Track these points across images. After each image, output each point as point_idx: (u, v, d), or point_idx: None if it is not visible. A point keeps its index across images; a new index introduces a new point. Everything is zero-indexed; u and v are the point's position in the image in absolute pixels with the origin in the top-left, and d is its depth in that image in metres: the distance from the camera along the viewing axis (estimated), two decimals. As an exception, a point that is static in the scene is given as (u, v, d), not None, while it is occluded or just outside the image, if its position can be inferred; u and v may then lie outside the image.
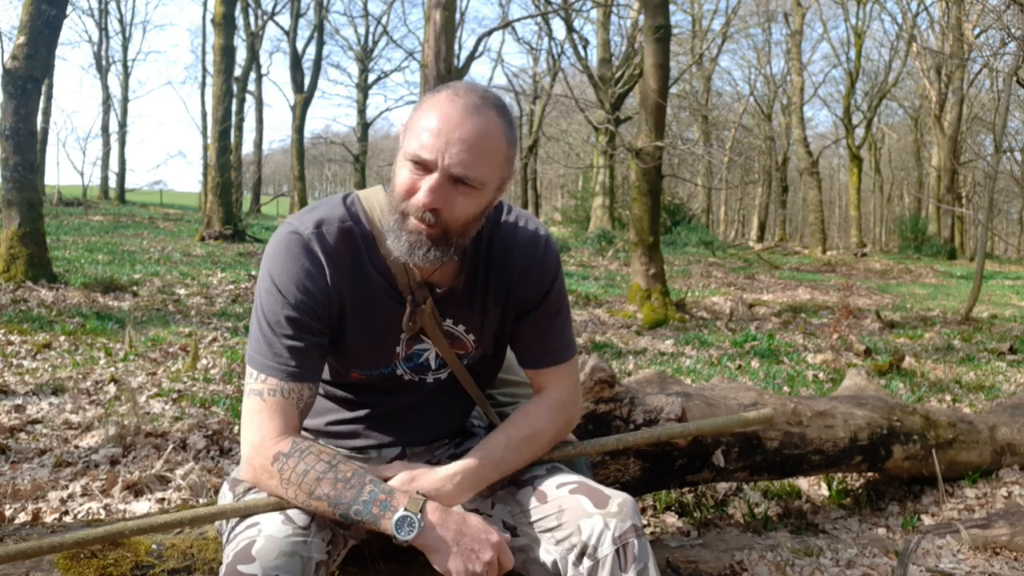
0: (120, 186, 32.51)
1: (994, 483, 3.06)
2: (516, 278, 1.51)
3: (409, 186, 1.33)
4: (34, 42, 7.60)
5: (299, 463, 1.34)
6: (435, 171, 1.31)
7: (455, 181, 1.32)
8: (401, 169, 1.35)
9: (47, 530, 1.62)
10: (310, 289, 1.39)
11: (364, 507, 1.31)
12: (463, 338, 1.54)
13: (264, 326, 1.40)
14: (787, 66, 30.60)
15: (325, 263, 1.40)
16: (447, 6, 8.00)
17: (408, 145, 1.34)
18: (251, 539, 1.29)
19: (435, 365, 1.56)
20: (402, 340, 1.50)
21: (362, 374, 1.53)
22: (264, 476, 1.36)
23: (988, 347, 7.35)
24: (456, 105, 1.32)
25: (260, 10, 27.81)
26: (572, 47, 21.02)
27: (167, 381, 4.40)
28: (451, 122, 1.30)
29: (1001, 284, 16.81)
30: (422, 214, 1.32)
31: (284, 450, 1.35)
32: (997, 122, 14.02)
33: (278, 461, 1.35)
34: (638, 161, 8.65)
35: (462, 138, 1.30)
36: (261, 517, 1.35)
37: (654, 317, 8.28)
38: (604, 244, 18.32)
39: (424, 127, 1.32)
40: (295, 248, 1.41)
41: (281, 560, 1.25)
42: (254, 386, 1.39)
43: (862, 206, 30.51)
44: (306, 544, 1.30)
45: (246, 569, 1.23)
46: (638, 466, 2.31)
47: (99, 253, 11.78)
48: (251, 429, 1.38)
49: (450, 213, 1.33)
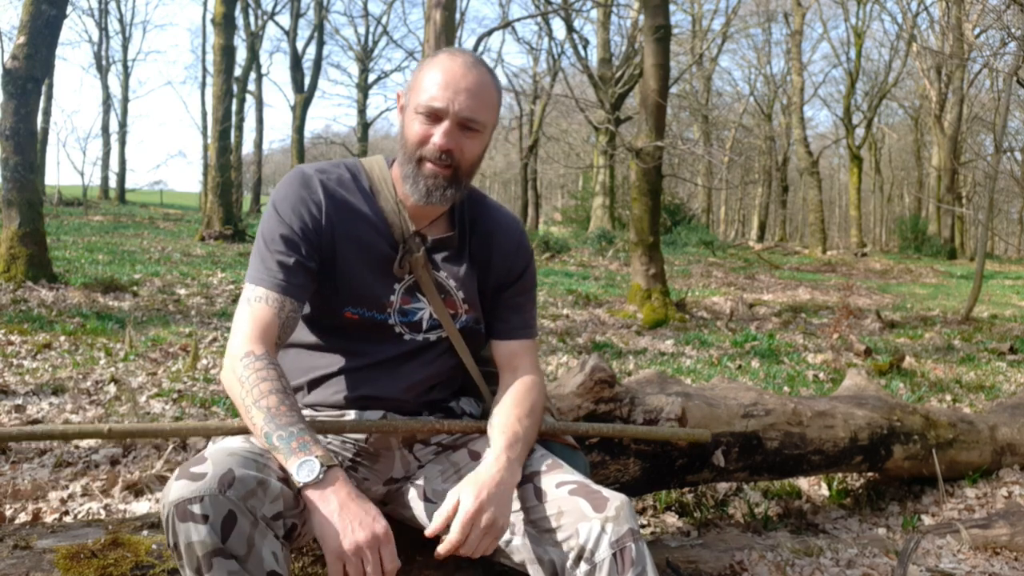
0: (120, 186, 32.51)
1: (994, 483, 3.06)
2: (500, 248, 1.67)
3: (423, 135, 1.51)
4: (34, 42, 7.59)
5: (261, 370, 1.40)
6: (446, 118, 1.50)
7: (463, 126, 1.51)
8: (412, 122, 1.53)
9: (47, 530, 1.62)
10: (303, 214, 1.53)
11: (289, 436, 1.32)
12: (453, 294, 1.63)
13: (260, 245, 1.54)
14: (787, 66, 30.62)
15: (322, 196, 1.55)
16: (447, 6, 8.00)
17: (418, 99, 1.52)
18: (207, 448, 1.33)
19: (427, 325, 1.62)
20: (397, 290, 1.59)
21: (355, 313, 1.58)
22: (230, 371, 1.44)
23: (988, 347, 7.35)
24: (456, 61, 1.52)
25: (260, 10, 27.83)
26: (572, 47, 21.05)
27: (167, 381, 4.40)
28: (456, 75, 1.50)
29: (1001, 284, 16.81)
30: (438, 155, 1.50)
31: (257, 352, 1.43)
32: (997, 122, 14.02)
33: (248, 358, 1.42)
34: (638, 161, 8.65)
35: (467, 88, 1.50)
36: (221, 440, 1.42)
37: (654, 317, 8.28)
38: (604, 244, 18.31)
39: (432, 82, 1.50)
40: (297, 180, 1.57)
41: (235, 457, 1.27)
42: (245, 295, 1.52)
43: (862, 206, 30.51)
44: (263, 455, 1.33)
45: (197, 469, 1.24)
46: (638, 466, 2.31)
47: (99, 253, 11.78)
48: (234, 329, 1.50)
49: (460, 154, 1.52)
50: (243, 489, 1.22)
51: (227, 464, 1.24)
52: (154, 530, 1.62)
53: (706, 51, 27.83)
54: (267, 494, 1.25)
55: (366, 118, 35.00)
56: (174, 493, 1.21)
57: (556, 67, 25.71)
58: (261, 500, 1.24)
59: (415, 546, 1.61)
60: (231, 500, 1.20)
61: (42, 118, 24.71)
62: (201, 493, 1.19)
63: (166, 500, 1.21)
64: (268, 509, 1.25)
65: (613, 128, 13.63)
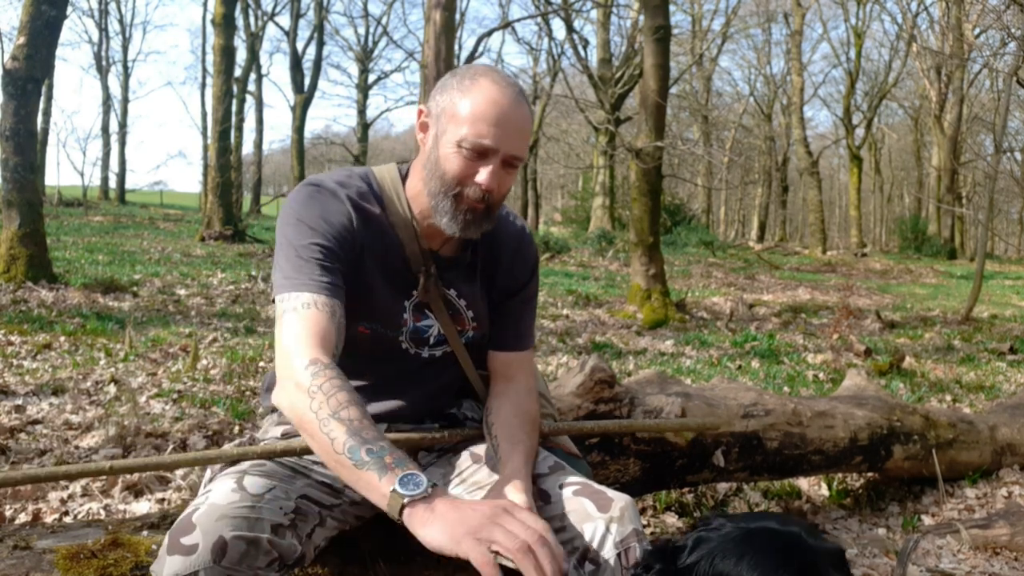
0: (120, 187, 32.51)
1: (994, 483, 3.06)
2: (506, 261, 1.64)
3: (466, 172, 1.43)
4: (34, 42, 7.59)
5: (337, 379, 1.28)
6: (494, 157, 1.43)
7: (507, 163, 1.45)
8: (451, 155, 1.43)
9: (47, 530, 1.62)
10: (336, 225, 1.46)
11: (380, 451, 1.20)
12: (463, 313, 1.61)
13: (292, 254, 1.42)
14: (787, 66, 30.61)
15: (351, 209, 1.48)
16: (447, 6, 8.00)
17: (460, 131, 1.41)
18: (195, 508, 1.27)
19: (433, 340, 1.60)
20: (408, 307, 1.56)
21: (368, 327, 1.55)
22: (294, 386, 1.29)
23: (988, 347, 7.35)
24: (505, 94, 1.43)
25: (260, 11, 27.82)
26: (572, 47, 21.03)
27: (167, 381, 4.40)
28: (506, 110, 1.42)
29: (1001, 284, 16.81)
30: (481, 195, 1.44)
31: (324, 360, 1.30)
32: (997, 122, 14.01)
33: (315, 365, 1.29)
34: (638, 161, 8.65)
35: (517, 126, 1.43)
36: (214, 485, 1.35)
37: (654, 317, 8.28)
38: (604, 244, 18.31)
39: (479, 116, 1.41)
40: (321, 194, 1.49)
41: (223, 522, 1.23)
42: (286, 306, 1.37)
43: (862, 206, 30.50)
44: (254, 508, 1.28)
45: (188, 540, 1.21)
46: (638, 466, 2.31)
47: (99, 253, 11.78)
48: (286, 339, 1.34)
49: (499, 190, 1.47)
50: (236, 553, 1.22)
51: (217, 531, 1.22)
52: (154, 530, 1.62)
53: (706, 51, 27.84)
54: (259, 550, 1.25)
55: (366, 118, 35.03)
56: (168, 569, 1.19)
57: (556, 67, 25.73)
58: (254, 556, 1.24)
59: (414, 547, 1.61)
60: (227, 567, 1.20)
61: (42, 118, 24.71)
62: (196, 568, 1.19)
63: (160, 574, 1.20)
64: (262, 560, 1.26)
65: (613, 128, 13.64)
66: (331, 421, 1.24)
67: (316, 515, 1.40)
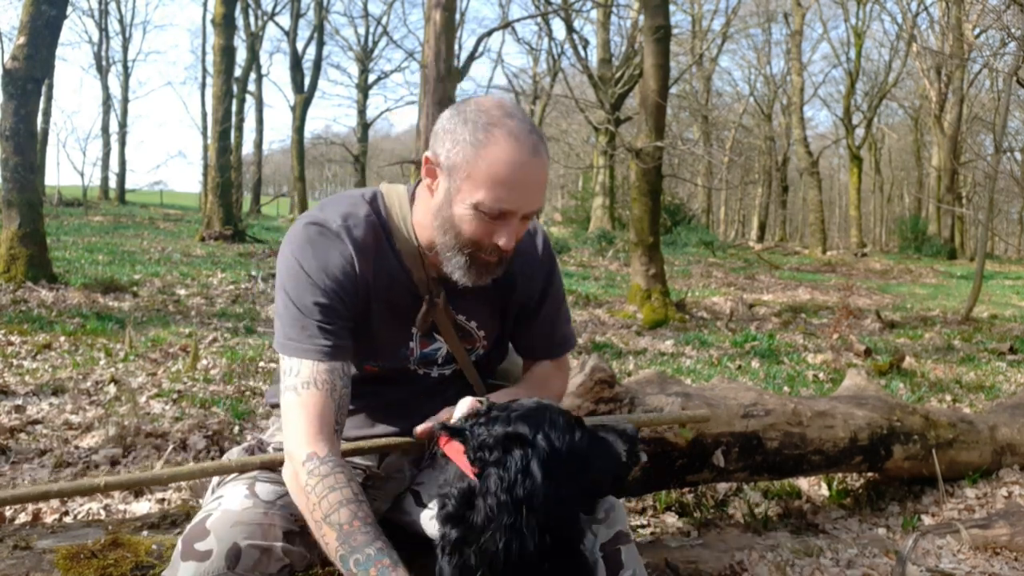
0: (120, 186, 32.50)
1: (994, 483, 3.06)
2: (520, 285, 1.58)
3: (483, 233, 1.37)
4: (34, 42, 7.59)
5: (330, 476, 1.29)
6: (512, 218, 1.36)
7: (526, 218, 1.40)
8: (469, 217, 1.36)
9: (47, 530, 1.62)
10: (339, 277, 1.41)
11: (367, 560, 1.22)
12: (473, 333, 1.58)
13: (293, 311, 1.40)
14: (787, 66, 30.59)
15: (354, 253, 1.42)
16: (447, 6, 8.00)
17: (478, 197, 1.33)
18: (208, 513, 1.28)
19: (441, 360, 1.59)
20: (416, 336, 1.53)
21: (375, 366, 1.55)
22: (294, 479, 1.32)
23: (988, 347, 7.34)
24: (523, 151, 1.33)
25: (260, 11, 27.81)
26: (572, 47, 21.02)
27: (167, 381, 4.40)
28: (523, 171, 1.33)
29: (1001, 284, 16.80)
30: (498, 255, 1.40)
31: (320, 453, 1.31)
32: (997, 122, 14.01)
33: (311, 461, 1.30)
34: (638, 161, 8.65)
35: (536, 185, 1.36)
36: (225, 490, 1.35)
37: (654, 317, 8.28)
38: (604, 244, 18.31)
39: (498, 181, 1.33)
40: (324, 238, 1.42)
41: (237, 528, 1.24)
42: (289, 381, 1.38)
43: (862, 206, 30.50)
44: (267, 515, 1.29)
45: (202, 546, 1.22)
46: (638, 466, 2.31)
47: (99, 253, 11.78)
48: (289, 426, 1.36)
49: (514, 244, 1.41)
50: (250, 561, 1.24)
51: (231, 538, 1.23)
52: (154, 530, 1.62)
53: (706, 51, 27.82)
54: (272, 557, 1.26)
55: (366, 118, 35.01)
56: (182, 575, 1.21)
57: (556, 67, 25.73)
58: (267, 563, 1.26)
59: (415, 548, 1.61)
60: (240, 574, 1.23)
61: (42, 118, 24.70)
62: (209, 574, 1.21)
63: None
64: (274, 567, 1.27)
65: (613, 128, 13.64)
66: (323, 525, 1.25)
67: None
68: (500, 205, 1.33)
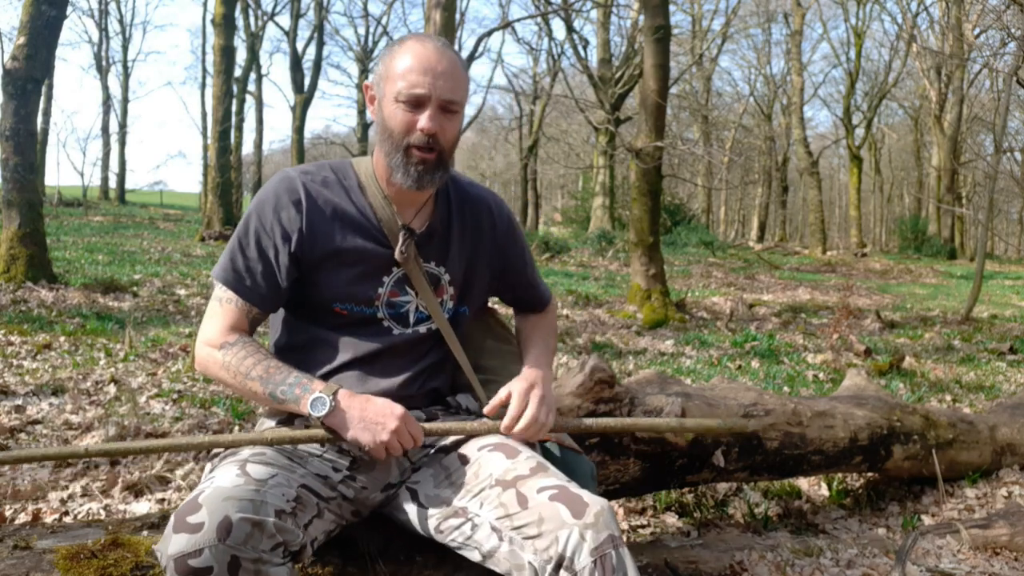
0: (120, 187, 32.51)
1: (994, 483, 3.06)
2: (487, 222, 1.74)
3: (407, 123, 1.55)
4: (34, 43, 7.59)
5: (240, 351, 1.54)
6: (428, 104, 1.53)
7: (443, 108, 1.55)
8: (394, 111, 1.55)
9: (47, 530, 1.62)
10: (281, 217, 1.58)
11: (289, 388, 1.48)
12: (441, 279, 1.68)
13: (235, 244, 1.59)
14: (787, 66, 30.60)
15: (304, 198, 1.59)
16: (447, 6, 7.99)
17: (395, 88, 1.54)
18: (201, 490, 1.30)
19: (414, 318, 1.66)
20: (386, 283, 1.63)
21: (343, 308, 1.62)
22: (209, 362, 1.56)
23: (988, 347, 7.35)
24: (427, 46, 1.55)
25: (260, 11, 27.81)
26: (572, 47, 21.05)
27: (167, 381, 4.40)
28: (431, 60, 1.54)
29: (1001, 284, 16.81)
30: (425, 141, 1.54)
31: (230, 340, 1.56)
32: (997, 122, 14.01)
33: (223, 348, 1.55)
34: (638, 161, 8.65)
35: (444, 71, 1.54)
36: (217, 471, 1.40)
37: (654, 317, 8.28)
38: (604, 244, 18.31)
39: (408, 69, 1.53)
40: (280, 183, 1.61)
41: (229, 502, 1.26)
42: (216, 294, 1.61)
43: (862, 206, 30.50)
44: (259, 492, 1.31)
45: (194, 519, 1.23)
46: (638, 466, 2.31)
47: (99, 253, 11.78)
48: (206, 324, 1.60)
49: (443, 136, 1.56)
50: (241, 534, 1.24)
51: (223, 511, 1.24)
52: (154, 530, 1.62)
53: (706, 51, 27.82)
54: (264, 532, 1.27)
55: (366, 118, 34.94)
56: (173, 547, 1.22)
57: (556, 67, 25.71)
58: (259, 538, 1.26)
59: (414, 547, 1.61)
60: (232, 547, 1.23)
61: (42, 118, 24.70)
62: (201, 546, 1.21)
63: (165, 552, 1.23)
64: (267, 543, 1.27)
65: (613, 128, 13.65)
66: (246, 381, 1.52)
67: (314, 506, 1.42)
68: (413, 90, 1.52)
